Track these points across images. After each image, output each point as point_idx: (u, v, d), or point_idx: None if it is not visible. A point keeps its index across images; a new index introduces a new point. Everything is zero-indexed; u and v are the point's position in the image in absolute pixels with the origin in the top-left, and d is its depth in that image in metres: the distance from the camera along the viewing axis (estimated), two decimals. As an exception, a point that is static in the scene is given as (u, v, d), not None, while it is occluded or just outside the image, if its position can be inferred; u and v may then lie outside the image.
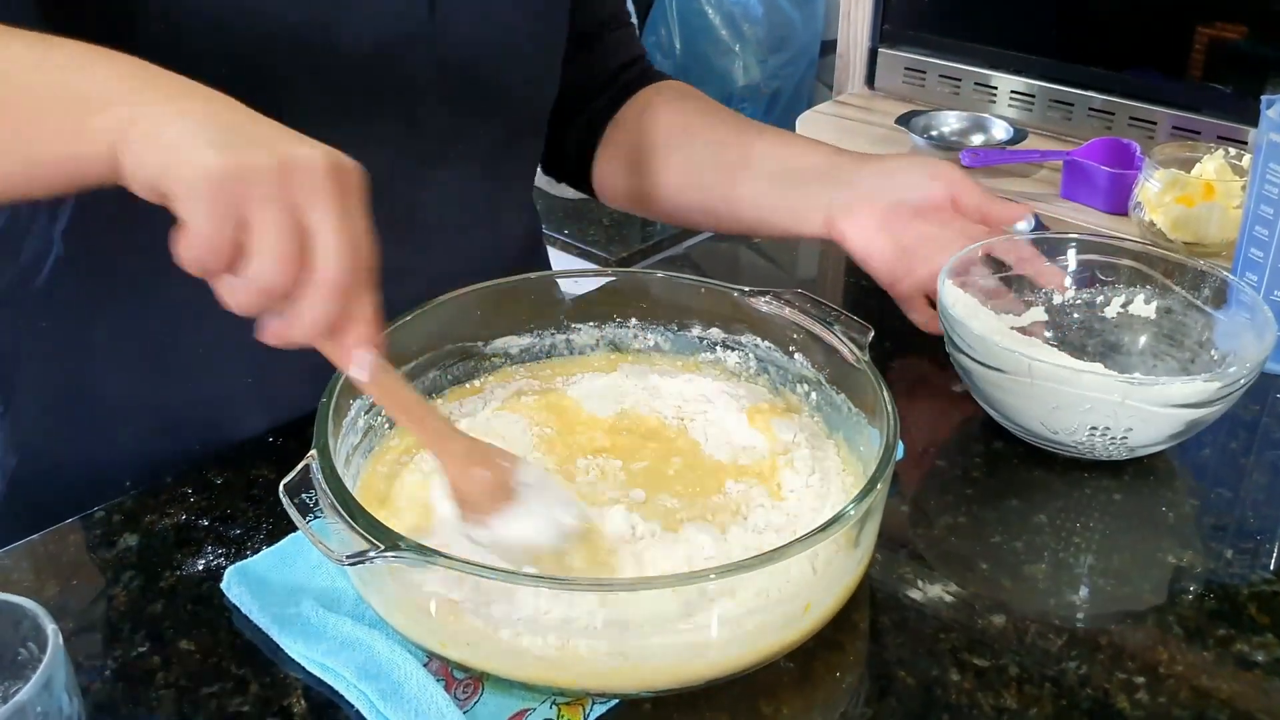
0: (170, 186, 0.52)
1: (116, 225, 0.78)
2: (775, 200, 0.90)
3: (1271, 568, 0.71)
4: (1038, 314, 0.90)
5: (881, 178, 0.86)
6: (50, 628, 0.48)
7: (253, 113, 0.56)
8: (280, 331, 0.55)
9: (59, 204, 0.80)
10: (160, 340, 0.81)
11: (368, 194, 0.57)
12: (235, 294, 0.53)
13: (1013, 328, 0.88)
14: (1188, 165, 1.13)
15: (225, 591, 0.66)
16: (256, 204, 0.52)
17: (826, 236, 0.87)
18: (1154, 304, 0.88)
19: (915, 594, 0.68)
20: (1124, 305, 0.89)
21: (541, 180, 1.10)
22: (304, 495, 0.60)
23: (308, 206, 0.52)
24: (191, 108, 0.55)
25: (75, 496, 0.75)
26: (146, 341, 0.81)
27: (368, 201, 0.56)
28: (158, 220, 0.54)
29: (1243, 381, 0.74)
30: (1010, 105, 1.46)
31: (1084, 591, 0.70)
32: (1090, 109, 1.40)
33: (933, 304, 0.86)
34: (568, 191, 1.18)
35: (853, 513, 0.59)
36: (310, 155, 0.53)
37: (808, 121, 1.56)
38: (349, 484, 0.63)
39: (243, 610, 0.65)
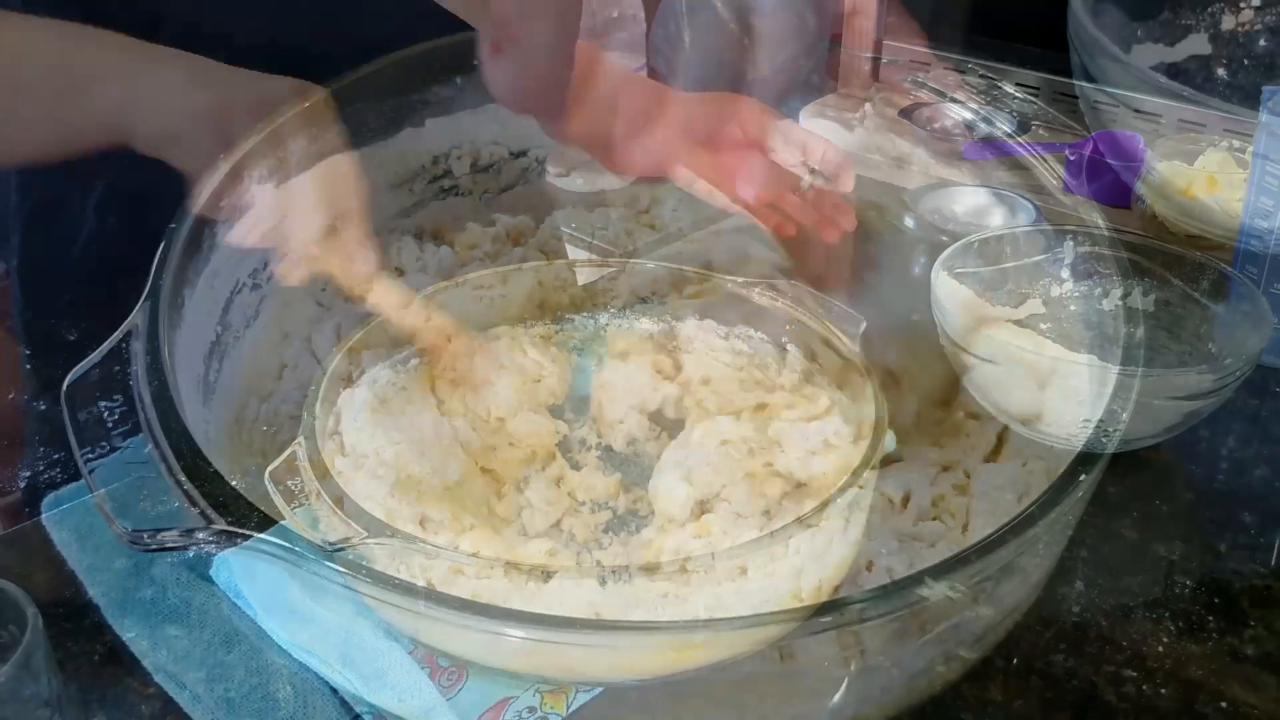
0: None
1: (149, 200, 0.78)
2: (627, 147, 0.96)
3: (1270, 562, 0.71)
4: (1034, 306, 0.90)
5: (685, 119, 0.92)
6: (29, 610, 0.48)
7: None
8: None
9: (91, 178, 0.80)
10: None
11: None
12: None
13: (1009, 320, 0.87)
14: (1191, 158, 1.12)
15: (214, 578, 0.66)
16: None
17: (664, 178, 0.94)
18: (1152, 296, 0.87)
19: (904, 585, 0.68)
20: (1122, 298, 0.88)
21: (551, 175, 1.13)
22: (289, 482, 0.60)
23: None
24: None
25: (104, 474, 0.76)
26: None
27: None
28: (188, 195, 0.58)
29: (1238, 374, 0.74)
30: (1015, 98, 1.45)
31: (1076, 584, 0.69)
32: (1096, 102, 1.38)
33: None
34: (578, 185, 1.20)
35: (839, 501, 0.58)
36: None
37: (810, 114, 1.55)
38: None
39: (230, 597, 0.65)
